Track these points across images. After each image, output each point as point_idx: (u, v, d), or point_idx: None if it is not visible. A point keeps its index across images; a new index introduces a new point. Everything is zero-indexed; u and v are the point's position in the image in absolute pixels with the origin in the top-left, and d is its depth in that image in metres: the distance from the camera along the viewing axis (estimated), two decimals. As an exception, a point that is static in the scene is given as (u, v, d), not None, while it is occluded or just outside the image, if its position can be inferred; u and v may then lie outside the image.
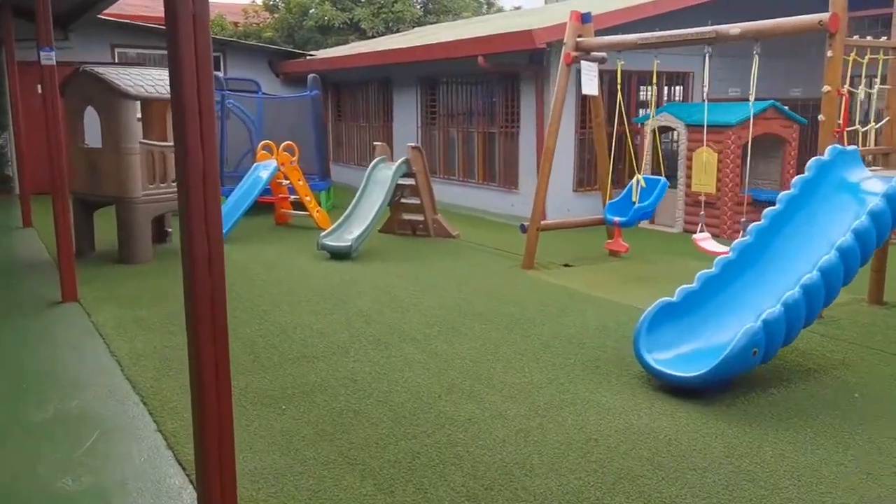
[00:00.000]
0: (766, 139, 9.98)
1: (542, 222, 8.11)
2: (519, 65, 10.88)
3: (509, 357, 5.18)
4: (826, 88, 5.76)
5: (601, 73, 7.95)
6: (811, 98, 13.24)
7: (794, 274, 4.89)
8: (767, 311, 4.38)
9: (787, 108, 10.01)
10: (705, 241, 6.69)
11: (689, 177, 10.13)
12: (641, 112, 11.76)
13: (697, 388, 4.41)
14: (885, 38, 6.18)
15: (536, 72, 10.70)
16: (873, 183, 5.30)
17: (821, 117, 5.84)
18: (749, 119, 9.73)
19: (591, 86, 7.98)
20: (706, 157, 9.90)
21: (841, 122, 5.85)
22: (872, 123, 6.21)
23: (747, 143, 9.97)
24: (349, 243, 8.38)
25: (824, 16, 5.64)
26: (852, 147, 5.62)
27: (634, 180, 7.85)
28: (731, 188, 9.73)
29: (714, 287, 4.98)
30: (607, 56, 8.14)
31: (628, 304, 6.49)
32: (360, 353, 5.24)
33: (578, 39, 7.84)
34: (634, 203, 7.70)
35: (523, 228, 8.09)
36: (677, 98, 12.48)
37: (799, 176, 5.38)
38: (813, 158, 5.43)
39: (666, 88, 12.31)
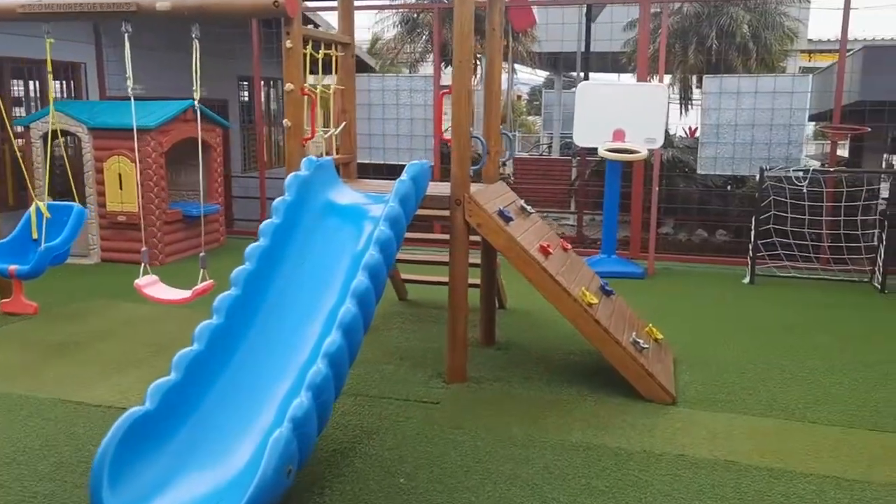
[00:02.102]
0: (187, 144, 8.62)
1: None
2: None
3: None
4: (289, 87, 4.65)
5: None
6: (216, 99, 12.47)
7: (305, 335, 3.67)
8: (294, 405, 3.02)
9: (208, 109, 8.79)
10: (152, 286, 4.98)
11: (102, 194, 8.13)
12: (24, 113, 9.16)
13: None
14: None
15: None
16: (361, 201, 4.44)
17: (286, 122, 4.73)
18: (169, 121, 8.31)
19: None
20: (121, 169, 8.07)
21: (310, 128, 4.85)
22: (333, 129, 5.41)
23: (170, 149, 8.56)
24: None
25: (280, -4, 4.50)
26: (327, 158, 4.66)
27: (33, 208, 5.58)
28: (157, 204, 8.08)
29: (205, 372, 3.40)
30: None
31: (49, 395, 4.38)
32: None
33: (-87, 0, 5.13)
34: (37, 241, 5.44)
35: None
36: (65, 95, 10.15)
37: (280, 199, 4.15)
38: (291, 175, 4.27)
39: (53, 83, 9.84)
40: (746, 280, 7.67)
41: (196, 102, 4.83)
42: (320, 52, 5.09)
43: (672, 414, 4.28)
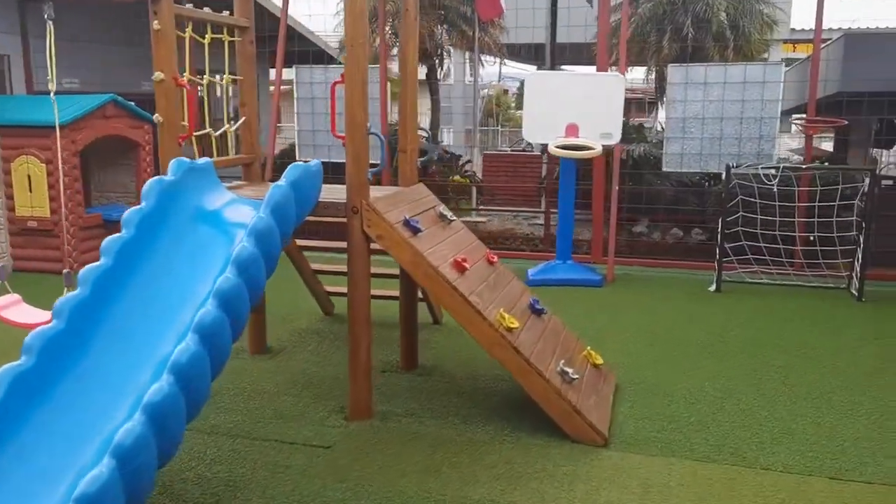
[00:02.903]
0: (111, 142, 7.94)
1: None
2: None
3: None
4: (158, 76, 3.99)
5: None
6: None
7: (141, 377, 3.01)
8: (86, 478, 2.36)
9: (133, 103, 8.09)
10: (12, 308, 4.31)
11: (11, 197, 7.45)
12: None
13: None
14: (228, 12, 4.72)
15: None
16: (238, 209, 3.79)
17: (157, 117, 4.07)
18: (83, 117, 7.59)
19: None
20: (30, 170, 7.38)
21: (188, 123, 4.18)
22: (227, 125, 4.74)
23: (86, 147, 7.86)
24: None
25: (140, -32, 3.83)
26: (204, 159, 3.99)
27: None
28: (71, 208, 7.40)
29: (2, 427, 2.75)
30: None
31: None
32: None
33: None
34: None
35: None
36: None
37: (134, 208, 3.49)
38: (152, 179, 3.61)
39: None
40: (712, 288, 7.03)
41: (52, 95, 4.15)
42: (206, 36, 4.42)
43: (601, 459, 3.64)
